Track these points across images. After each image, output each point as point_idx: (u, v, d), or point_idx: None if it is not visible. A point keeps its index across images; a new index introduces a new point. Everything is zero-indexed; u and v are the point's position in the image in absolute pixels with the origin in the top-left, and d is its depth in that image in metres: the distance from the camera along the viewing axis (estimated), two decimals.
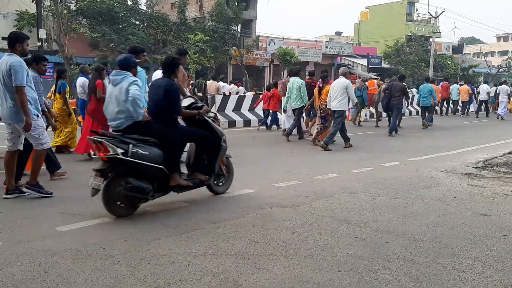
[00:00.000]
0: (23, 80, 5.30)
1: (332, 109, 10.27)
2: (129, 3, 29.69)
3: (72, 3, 25.11)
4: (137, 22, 28.25)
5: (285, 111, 12.34)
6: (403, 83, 14.35)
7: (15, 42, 5.49)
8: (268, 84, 15.94)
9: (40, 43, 20.68)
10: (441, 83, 22.47)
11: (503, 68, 48.41)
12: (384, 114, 15.88)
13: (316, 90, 10.97)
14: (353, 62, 41.55)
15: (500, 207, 5.44)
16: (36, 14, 21.27)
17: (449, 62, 44.62)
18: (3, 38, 24.19)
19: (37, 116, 5.57)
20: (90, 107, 8.33)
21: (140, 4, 30.86)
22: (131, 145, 4.73)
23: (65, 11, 24.31)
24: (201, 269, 3.48)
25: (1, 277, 3.30)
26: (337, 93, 10.11)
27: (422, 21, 49.12)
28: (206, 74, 18.72)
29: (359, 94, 15.25)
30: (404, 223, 4.76)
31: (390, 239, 4.24)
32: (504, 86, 21.35)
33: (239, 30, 33.50)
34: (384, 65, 41.83)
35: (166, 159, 4.98)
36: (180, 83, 6.59)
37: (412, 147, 10.78)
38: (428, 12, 44.17)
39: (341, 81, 10.27)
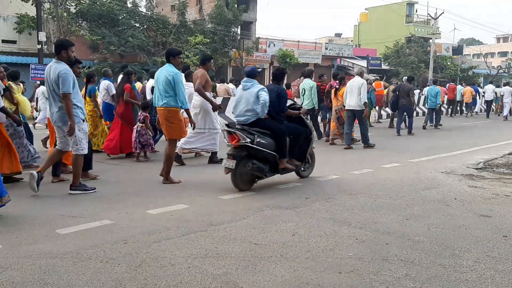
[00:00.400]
0: (70, 87, 5.70)
1: (348, 108, 10.55)
2: (129, 5, 29.72)
3: (72, 5, 25.13)
4: (137, 25, 28.24)
5: None
6: (411, 84, 14.49)
7: (61, 49, 5.82)
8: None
9: (40, 45, 20.68)
10: (447, 85, 22.84)
11: (503, 69, 48.41)
12: (384, 114, 15.97)
13: (332, 91, 11.33)
14: (353, 63, 41.55)
15: (501, 208, 5.43)
16: (36, 17, 21.28)
17: (448, 63, 44.64)
18: (3, 41, 24.29)
19: (83, 120, 5.96)
20: (119, 110, 8.80)
21: (140, 7, 30.93)
22: (255, 136, 6.09)
23: (65, 14, 24.35)
24: (201, 271, 3.48)
25: (1, 280, 3.30)
26: (354, 92, 10.38)
27: (422, 22, 49.15)
28: (214, 76, 18.76)
29: (367, 96, 15.12)
30: (404, 224, 4.75)
31: (391, 240, 4.24)
32: (508, 87, 21.60)
33: (238, 32, 33.53)
34: (384, 66, 41.85)
35: (277, 147, 6.30)
36: (200, 87, 7.79)
37: (413, 148, 10.77)
38: (428, 13, 44.21)
39: (357, 80, 10.52)
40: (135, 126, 8.59)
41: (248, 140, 5.97)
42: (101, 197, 5.75)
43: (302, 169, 7.02)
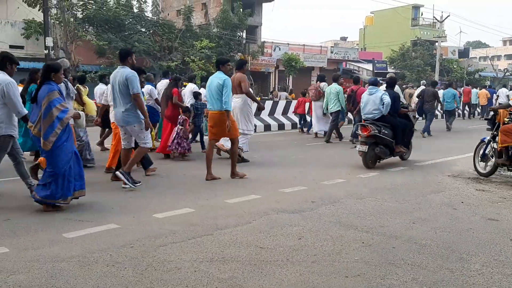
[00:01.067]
0: (139, 88, 6.35)
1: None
2: (135, 10, 29.89)
3: (78, 11, 25.28)
4: (143, 29, 28.39)
5: (325, 114, 13.02)
6: (434, 89, 15.27)
7: (127, 56, 6.49)
8: (303, 90, 17.30)
9: (47, 51, 20.81)
10: (463, 88, 23.32)
11: (510, 72, 48.14)
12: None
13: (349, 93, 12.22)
14: (359, 67, 41.52)
15: (508, 212, 5.40)
16: (43, 22, 21.44)
17: (455, 66, 44.42)
18: (11, 47, 24.47)
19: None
20: (167, 112, 9.42)
21: (146, 12, 31.10)
22: (381, 128, 8.25)
23: (72, 19, 24.49)
24: (207, 275, 3.48)
25: (9, 284, 3.31)
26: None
27: (428, 26, 49.00)
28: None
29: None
30: (411, 228, 4.73)
31: (397, 244, 4.22)
32: None
33: (244, 36, 33.62)
34: (390, 70, 41.74)
35: (394, 136, 8.38)
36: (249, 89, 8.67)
37: (419, 152, 10.72)
38: (433, 17, 44.11)
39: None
40: (175, 128, 9.19)
41: (377, 131, 8.13)
42: (108, 201, 5.77)
43: (405, 153, 9.06)
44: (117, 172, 6.53)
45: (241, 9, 31.62)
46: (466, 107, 23.35)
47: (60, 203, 5.27)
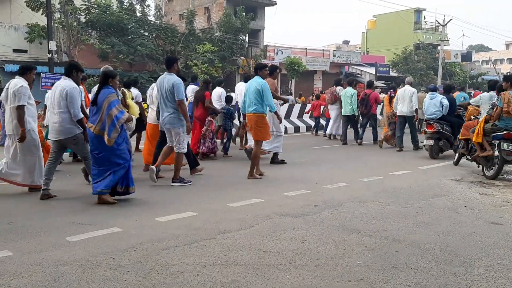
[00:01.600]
0: (183, 95, 6.82)
1: (399, 114, 11.54)
2: (138, 14, 29.98)
3: (82, 15, 25.37)
4: (146, 33, 28.47)
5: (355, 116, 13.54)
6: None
7: (172, 63, 6.94)
8: (317, 93, 18.79)
9: (50, 54, 20.89)
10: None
11: None
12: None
13: (386, 98, 12.60)
14: (361, 70, 41.50)
15: (511, 216, 5.39)
16: (46, 26, 21.53)
17: (457, 70, 44.37)
18: (14, 50, 24.59)
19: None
20: (197, 113, 9.73)
21: (149, 16, 31.17)
22: (443, 125, 10.07)
23: (75, 23, 24.58)
24: (210, 279, 3.48)
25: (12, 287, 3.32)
26: (406, 100, 11.41)
27: (430, 29, 49.00)
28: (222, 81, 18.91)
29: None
30: (414, 232, 4.72)
31: (400, 248, 4.21)
32: None
33: (246, 40, 33.67)
34: (392, 73, 41.73)
35: (452, 132, 10.06)
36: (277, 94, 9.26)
37: (422, 155, 10.71)
38: (436, 20, 44.09)
39: (408, 89, 11.60)
40: (203, 129, 9.67)
41: (440, 128, 9.95)
42: (111, 205, 5.78)
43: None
44: (172, 184, 7.01)
45: (244, 13, 31.70)
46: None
47: (121, 192, 5.99)
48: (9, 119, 6.40)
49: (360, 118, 13.17)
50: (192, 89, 10.71)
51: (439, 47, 40.60)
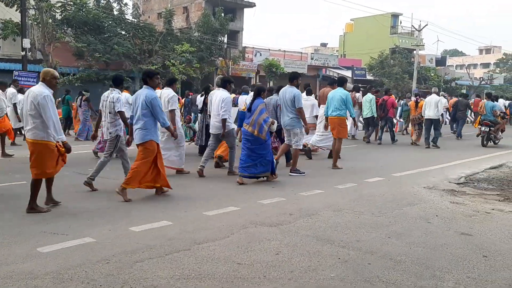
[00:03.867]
0: (301, 103, 8.59)
1: (427, 118, 14.11)
2: (115, 13, 29.57)
3: (57, 12, 24.82)
4: (123, 32, 28.06)
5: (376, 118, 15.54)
6: (467, 100, 19.49)
7: (294, 79, 8.83)
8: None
9: (24, 52, 20.43)
10: (473, 99, 24.65)
11: (485, 81, 49.20)
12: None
13: (412, 103, 15.30)
14: (338, 73, 41.83)
15: (481, 226, 5.52)
16: (20, 23, 21.04)
17: (432, 74, 45.16)
18: None
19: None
20: None
21: (126, 14, 30.76)
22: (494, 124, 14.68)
23: (50, 20, 24.05)
24: None
25: None
26: (432, 106, 14.00)
27: (406, 34, 49.77)
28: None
29: (406, 109, 18.71)
30: (387, 243, 4.80)
31: (373, 260, 4.27)
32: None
33: (225, 41, 33.58)
34: (369, 77, 42.23)
35: (494, 126, 14.58)
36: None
37: (397, 161, 10.90)
38: (412, 25, 44.89)
39: (434, 97, 14.22)
40: None
41: (492, 124, 14.17)
42: (85, 212, 5.70)
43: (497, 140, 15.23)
44: (290, 173, 8.68)
45: (223, 14, 31.57)
46: (472, 115, 24.63)
47: (264, 176, 7.94)
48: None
49: (380, 121, 15.35)
50: (243, 99, 11.25)
51: (414, 52, 41.25)
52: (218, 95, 8.53)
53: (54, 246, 4.42)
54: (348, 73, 40.82)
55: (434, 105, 13.92)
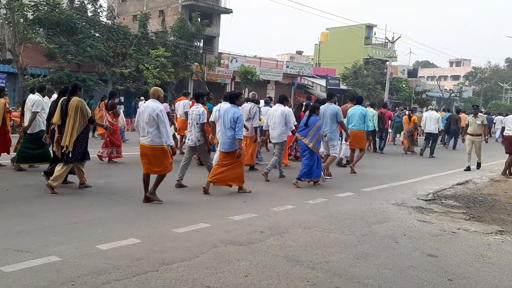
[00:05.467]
0: (342, 117, 10.17)
1: (427, 132, 16.14)
2: (89, 14, 29.13)
3: (29, 12, 24.26)
4: (97, 34, 27.65)
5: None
6: (459, 115, 21.06)
7: (331, 97, 10.55)
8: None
9: None
10: (460, 114, 25.20)
11: (455, 93, 50.51)
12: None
13: (406, 117, 17.97)
14: (313, 82, 42.34)
15: (447, 247, 5.63)
16: None
17: (403, 86, 46.10)
18: None
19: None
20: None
21: (101, 16, 30.34)
22: None
23: (22, 20, 23.50)
24: None
25: None
26: (433, 121, 15.91)
27: (380, 45, 50.76)
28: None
29: (398, 120, 19.88)
30: (355, 264, 4.85)
31: (341, 283, 4.31)
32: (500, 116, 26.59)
33: (201, 46, 33.47)
34: (342, 87, 42.79)
35: None
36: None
37: (368, 175, 11.04)
38: (385, 37, 45.73)
39: (434, 113, 16.32)
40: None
41: None
42: (52, 226, 5.57)
43: None
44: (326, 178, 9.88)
45: (199, 19, 31.48)
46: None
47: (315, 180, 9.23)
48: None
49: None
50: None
51: (387, 63, 42.05)
52: (279, 109, 10.16)
53: (18, 265, 4.29)
54: (322, 82, 41.34)
55: (434, 121, 15.86)
